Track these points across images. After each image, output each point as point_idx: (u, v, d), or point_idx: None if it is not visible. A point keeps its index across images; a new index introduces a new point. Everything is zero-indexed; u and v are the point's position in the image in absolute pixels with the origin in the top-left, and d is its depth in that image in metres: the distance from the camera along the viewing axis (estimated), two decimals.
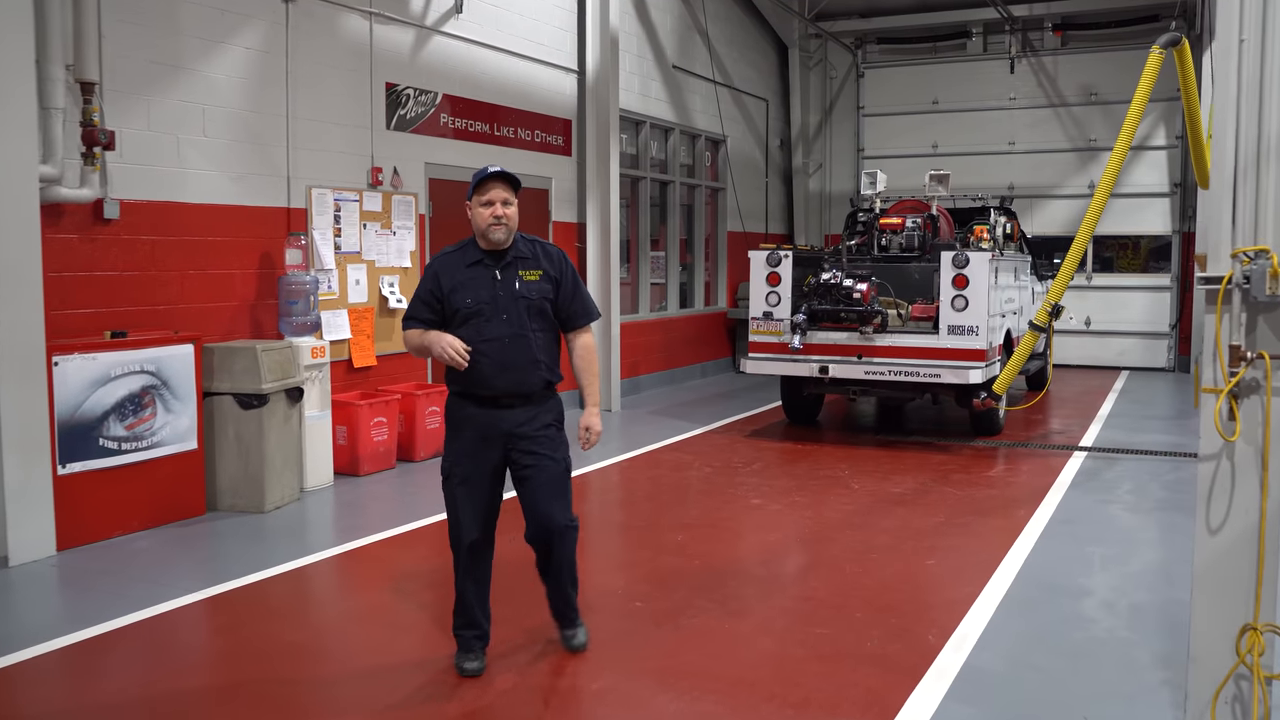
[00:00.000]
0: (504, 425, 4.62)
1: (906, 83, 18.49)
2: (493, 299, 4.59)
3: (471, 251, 4.69)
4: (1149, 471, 9.38)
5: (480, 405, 4.64)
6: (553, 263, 4.76)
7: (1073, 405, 13.39)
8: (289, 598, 6.14)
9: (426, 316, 4.68)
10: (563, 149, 12.52)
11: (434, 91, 10.48)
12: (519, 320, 4.60)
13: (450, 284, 4.63)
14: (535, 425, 4.67)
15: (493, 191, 4.59)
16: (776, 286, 10.88)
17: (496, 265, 4.65)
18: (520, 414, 4.64)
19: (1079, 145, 17.47)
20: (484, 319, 4.57)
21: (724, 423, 11.92)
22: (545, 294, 4.68)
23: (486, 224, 4.59)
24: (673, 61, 14.83)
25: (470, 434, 4.67)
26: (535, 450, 4.66)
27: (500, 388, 4.60)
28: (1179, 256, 17.10)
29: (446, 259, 4.73)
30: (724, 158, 16.54)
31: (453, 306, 4.61)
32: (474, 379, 4.60)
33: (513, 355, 4.59)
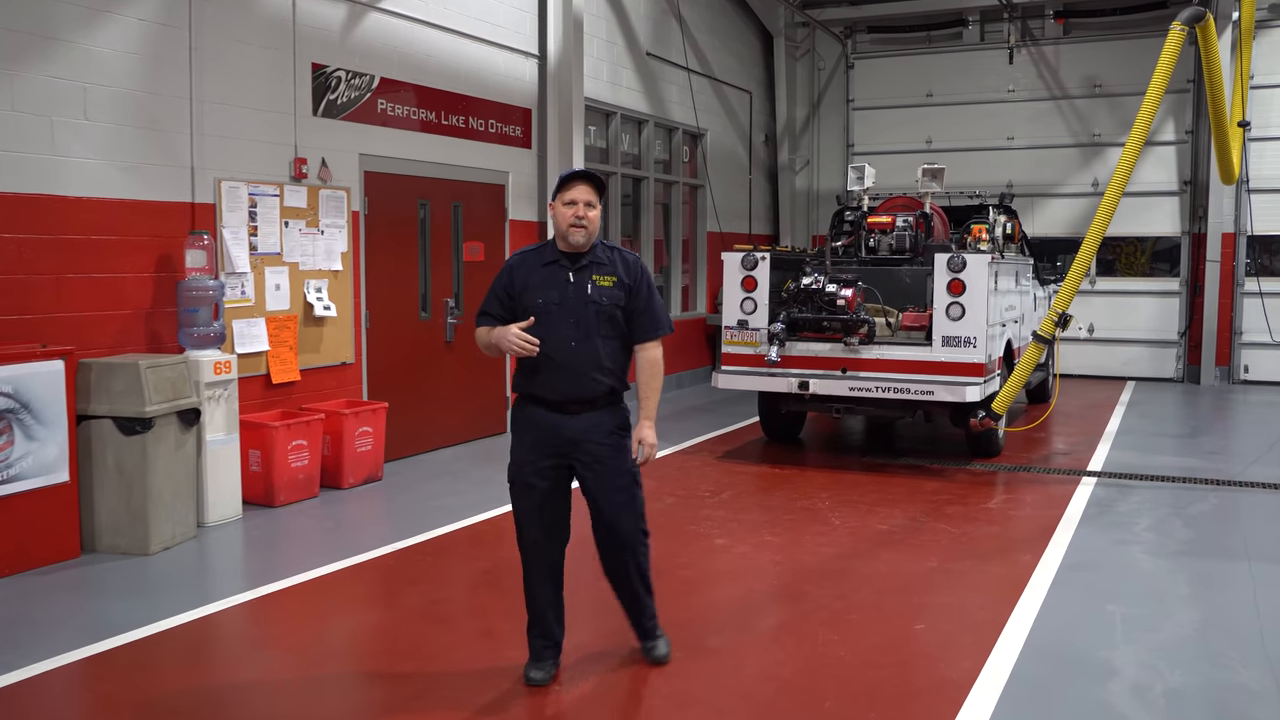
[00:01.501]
0: (566, 432, 4.56)
1: (899, 74, 17.42)
2: (563, 300, 4.54)
3: (549, 251, 4.65)
4: (1168, 502, 8.32)
5: (544, 409, 4.59)
6: (629, 270, 4.66)
7: (1078, 421, 12.33)
8: (174, 659, 5.05)
9: (497, 312, 4.64)
10: (521, 140, 11.44)
11: (370, 74, 9.39)
12: (587, 325, 4.53)
13: (523, 282, 4.59)
14: (599, 433, 4.58)
15: (576, 191, 4.54)
16: (752, 292, 9.81)
17: (572, 267, 4.58)
18: (583, 421, 4.57)
19: (1082, 140, 16.41)
20: (552, 320, 4.50)
21: (696, 441, 10.84)
22: (617, 301, 4.59)
23: (567, 224, 4.53)
24: (646, 48, 13.76)
25: (532, 439, 4.62)
26: (600, 458, 4.58)
27: (563, 391, 4.54)
28: (1189, 259, 16.05)
29: (524, 256, 4.71)
30: (703, 153, 15.47)
31: (522, 305, 4.56)
32: (537, 381, 4.58)
33: (577, 359, 4.51)
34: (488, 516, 7.80)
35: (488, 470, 9.45)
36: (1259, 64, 14.43)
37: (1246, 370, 15.74)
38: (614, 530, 4.69)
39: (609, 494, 4.63)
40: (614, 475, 4.61)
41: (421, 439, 10.10)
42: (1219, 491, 8.70)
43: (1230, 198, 15.50)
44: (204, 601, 5.90)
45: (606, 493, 4.62)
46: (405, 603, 6.01)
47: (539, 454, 4.60)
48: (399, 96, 9.74)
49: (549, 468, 4.60)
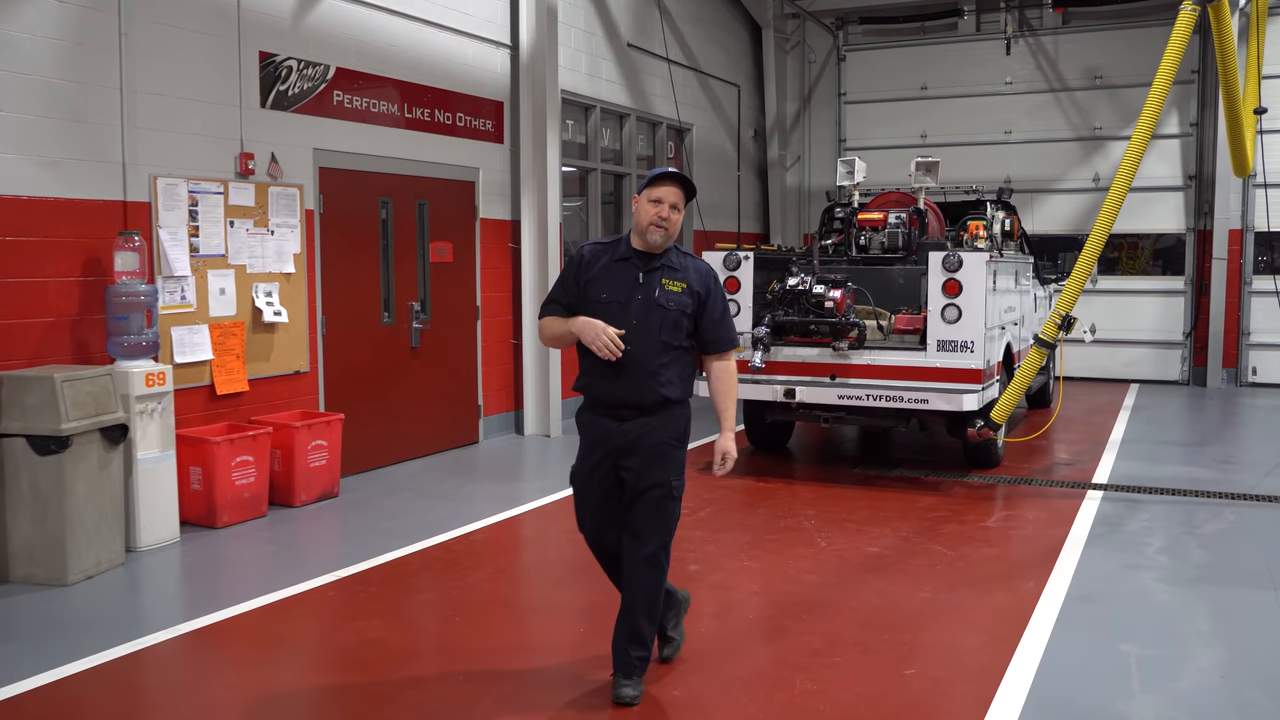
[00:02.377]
0: (615, 439, 4.45)
1: (892, 67, 16.81)
2: (628, 300, 4.40)
3: (623, 247, 4.51)
4: (1180, 519, 7.72)
5: (598, 412, 4.50)
6: (701, 279, 4.52)
7: (1080, 427, 11.73)
8: (90, 705, 4.45)
9: (565, 301, 4.51)
10: (493, 135, 10.83)
11: (324, 64, 8.78)
12: (648, 328, 4.38)
13: (591, 273, 4.47)
14: (648, 441, 4.43)
15: (664, 190, 4.40)
16: (735, 294, 9.20)
17: (643, 268, 4.45)
18: (634, 427, 4.43)
19: (1082, 134, 15.80)
20: (612, 318, 4.35)
21: None
22: (684, 308, 4.45)
23: (648, 222, 4.39)
24: (628, 39, 13.15)
25: (587, 440, 4.57)
26: (641, 468, 4.43)
27: (615, 395, 4.43)
28: (1194, 257, 15.45)
29: (596, 247, 4.58)
30: (689, 148, 14.86)
31: (586, 297, 4.44)
32: (594, 383, 4.48)
33: (632, 363, 4.35)
34: (446, 538, 7.21)
35: (452, 485, 8.86)
36: (1268, 53, 13.79)
37: (1255, 372, 15.15)
38: (630, 545, 4.52)
39: (638, 507, 4.47)
40: (650, 488, 4.45)
41: (385, 451, 9.50)
42: (1235, 507, 8.10)
43: (1237, 193, 14.91)
44: (125, 638, 5.32)
45: (637, 505, 4.47)
46: (345, 640, 5.41)
47: (593, 457, 4.53)
48: (357, 88, 9.13)
49: (602, 473, 4.50)
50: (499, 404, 11.01)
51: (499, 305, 10.95)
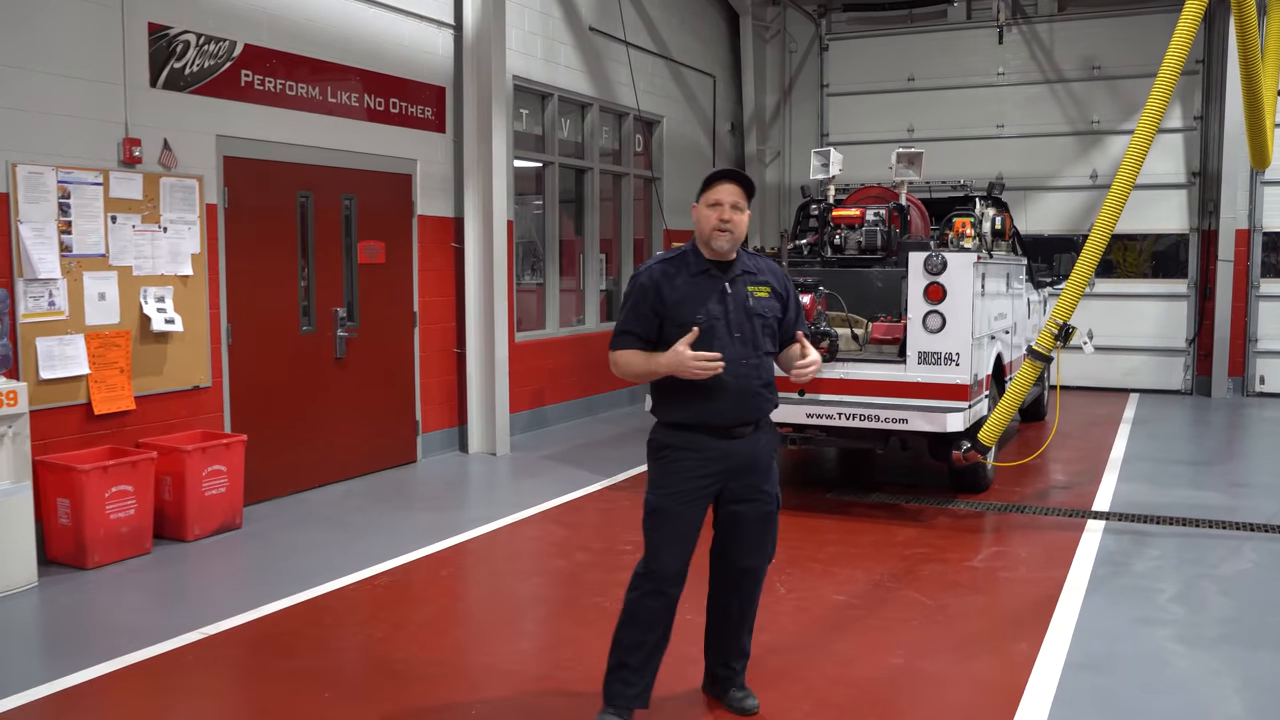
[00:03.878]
0: (732, 460, 4.19)
1: (878, 57, 15.83)
2: (724, 315, 4.13)
3: (694, 260, 4.21)
4: (1195, 557, 6.76)
5: (706, 433, 4.16)
6: (778, 279, 4.35)
7: (1078, 443, 10.77)
8: None
9: (642, 332, 4.18)
10: (433, 124, 9.85)
11: (230, 40, 7.80)
12: (754, 339, 4.17)
13: (674, 295, 4.14)
14: (761, 455, 4.27)
15: (722, 191, 4.12)
16: None
17: (725, 277, 4.19)
18: (748, 445, 4.22)
19: (1079, 128, 14.83)
20: (715, 337, 4.07)
21: (634, 472, 9.27)
22: (775, 312, 4.28)
23: (711, 228, 4.13)
24: (589, 23, 12.17)
25: (692, 464, 4.17)
26: (755, 485, 4.26)
27: (732, 415, 4.14)
28: (1198, 258, 14.49)
29: (664, 267, 4.23)
30: (659, 141, 13.88)
31: (677, 321, 4.10)
32: (700, 405, 4.12)
33: (750, 379, 4.15)
34: (349, 581, 6.22)
35: (376, 513, 7.88)
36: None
37: (1263, 381, 14.20)
38: (748, 561, 4.38)
39: (754, 524, 4.30)
40: (764, 504, 4.29)
41: (304, 475, 8.51)
42: (1254, 540, 7.15)
43: (1244, 190, 13.97)
44: None
45: (752, 522, 4.29)
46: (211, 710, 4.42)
47: (699, 480, 4.17)
48: (271, 68, 8.15)
49: (702, 495, 4.21)
50: (440, 419, 10.02)
51: (440, 311, 9.96)
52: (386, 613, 5.77)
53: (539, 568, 6.82)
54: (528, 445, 10.50)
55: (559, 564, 6.84)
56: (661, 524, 4.21)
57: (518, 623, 5.66)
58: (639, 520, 4.30)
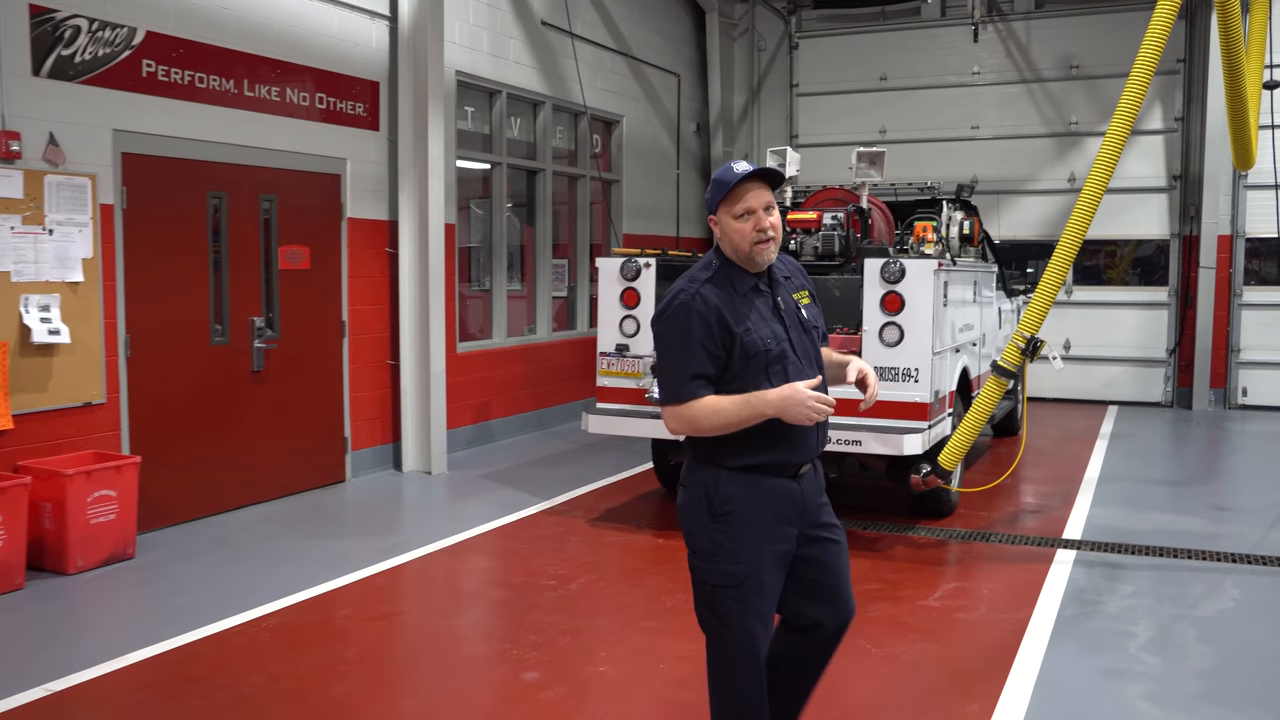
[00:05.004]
0: (806, 501, 3.48)
1: (849, 55, 15.26)
2: (786, 336, 3.44)
3: (737, 276, 3.44)
4: (1173, 594, 6.18)
5: (779, 477, 3.42)
6: (806, 279, 3.70)
7: (1050, 461, 10.20)
8: None
9: (713, 374, 3.37)
10: (365, 120, 9.22)
11: (128, 26, 7.17)
12: (815, 358, 3.52)
13: (738, 319, 3.37)
14: (820, 492, 3.59)
15: (750, 197, 3.36)
16: (635, 309, 7.64)
17: (774, 291, 3.49)
18: (811, 481, 3.53)
19: (1056, 129, 14.29)
20: (789, 363, 3.39)
21: (576, 493, 8.65)
22: (820, 321, 3.62)
23: (751, 243, 3.37)
24: (542, 17, 11.56)
25: (770, 517, 3.41)
26: (827, 522, 3.58)
27: (805, 451, 3.45)
28: (1179, 265, 13.94)
29: (712, 290, 3.38)
30: (619, 142, 13.28)
31: (749, 351, 3.35)
32: (780, 445, 3.38)
33: None
34: (242, 620, 5.59)
35: (289, 539, 7.27)
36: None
37: (1245, 393, 13.66)
38: (845, 611, 3.61)
39: (841, 568, 3.60)
40: (841, 542, 3.62)
41: (216, 497, 7.88)
42: (1236, 573, 6.57)
43: (1227, 194, 13.44)
44: None
45: (839, 566, 3.59)
46: None
47: (777, 535, 3.44)
48: (179, 58, 7.52)
49: (786, 552, 3.48)
50: (372, 436, 9.39)
51: (372, 320, 9.33)
52: (266, 662, 5.14)
53: (449, 606, 6.19)
54: (468, 463, 9.87)
55: (473, 602, 6.23)
56: (748, 599, 3.39)
57: (409, 677, 5.04)
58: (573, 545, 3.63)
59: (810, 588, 3.53)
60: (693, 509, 3.45)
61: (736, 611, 3.41)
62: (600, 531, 7.47)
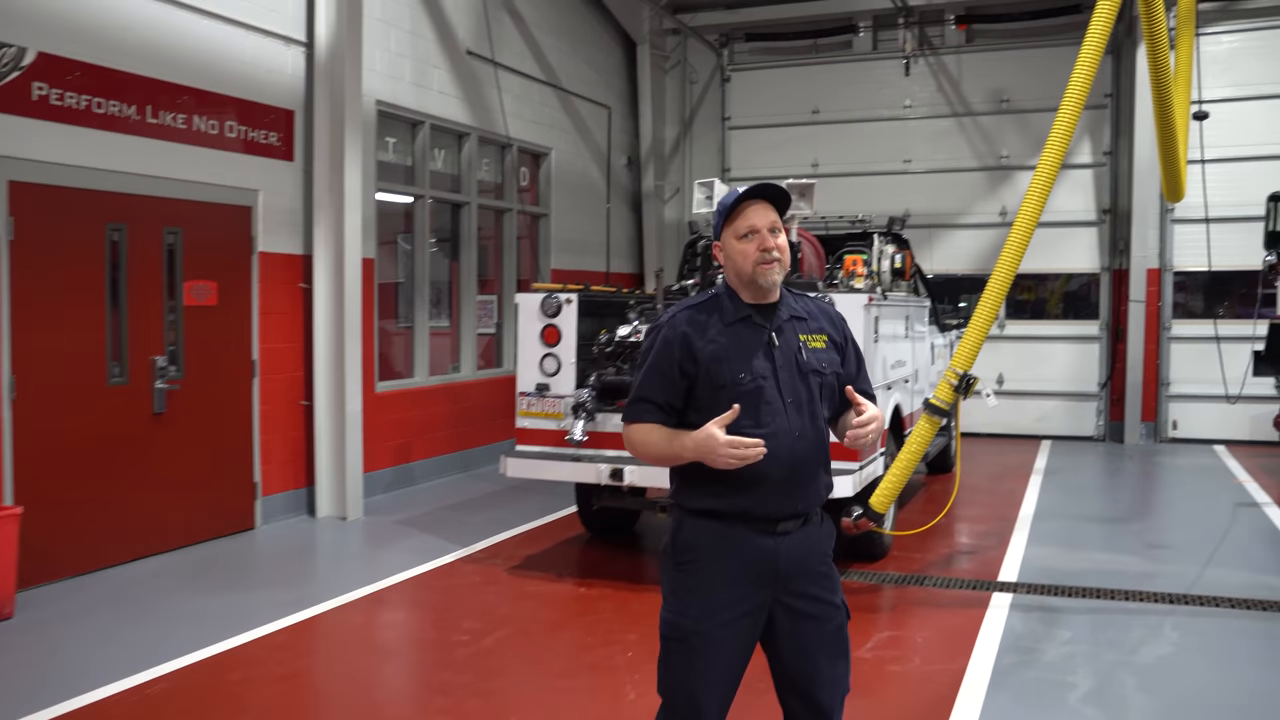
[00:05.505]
0: (781, 561, 3.14)
1: (782, 88, 15.17)
2: (772, 374, 3.16)
3: (731, 305, 3.22)
4: (1111, 639, 5.97)
5: (749, 529, 3.13)
6: (834, 324, 3.37)
7: (985, 499, 10.03)
8: None
9: (665, 401, 3.18)
10: (279, 150, 8.86)
11: (15, 45, 6.77)
12: (810, 405, 3.18)
13: (708, 351, 3.15)
14: (814, 557, 3.22)
15: (752, 215, 3.17)
16: (555, 346, 7.34)
17: (770, 325, 3.21)
18: (798, 541, 3.17)
19: (988, 163, 14.29)
20: (764, 402, 3.11)
21: (497, 539, 8.30)
22: (836, 367, 3.27)
23: (754, 264, 3.14)
24: (467, 46, 11.29)
25: (732, 571, 3.13)
26: (815, 594, 3.20)
27: (779, 505, 3.13)
28: (1109, 299, 13.95)
29: (692, 316, 3.23)
30: (547, 175, 13.02)
31: (715, 383, 3.13)
32: (741, 492, 3.10)
33: (804, 457, 3.14)
34: (126, 685, 5.17)
35: (188, 593, 6.84)
36: (1206, 70, 12.38)
37: (1175, 426, 13.66)
38: (828, 695, 3.25)
39: (824, 645, 3.22)
40: (831, 617, 3.24)
41: (112, 548, 7.42)
42: (1175, 615, 6.39)
43: (1155, 229, 13.48)
44: None
45: (821, 643, 3.22)
46: None
47: (738, 594, 3.15)
48: (75, 82, 7.12)
49: (746, 614, 3.15)
50: (284, 480, 8.96)
51: (285, 359, 8.94)
52: None
53: (352, 666, 5.79)
54: (386, 507, 9.47)
55: (379, 661, 5.84)
56: (690, 658, 3.14)
57: None
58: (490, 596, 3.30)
59: (779, 669, 3.24)
60: (662, 552, 3.29)
61: (678, 669, 3.18)
62: (520, 580, 7.12)
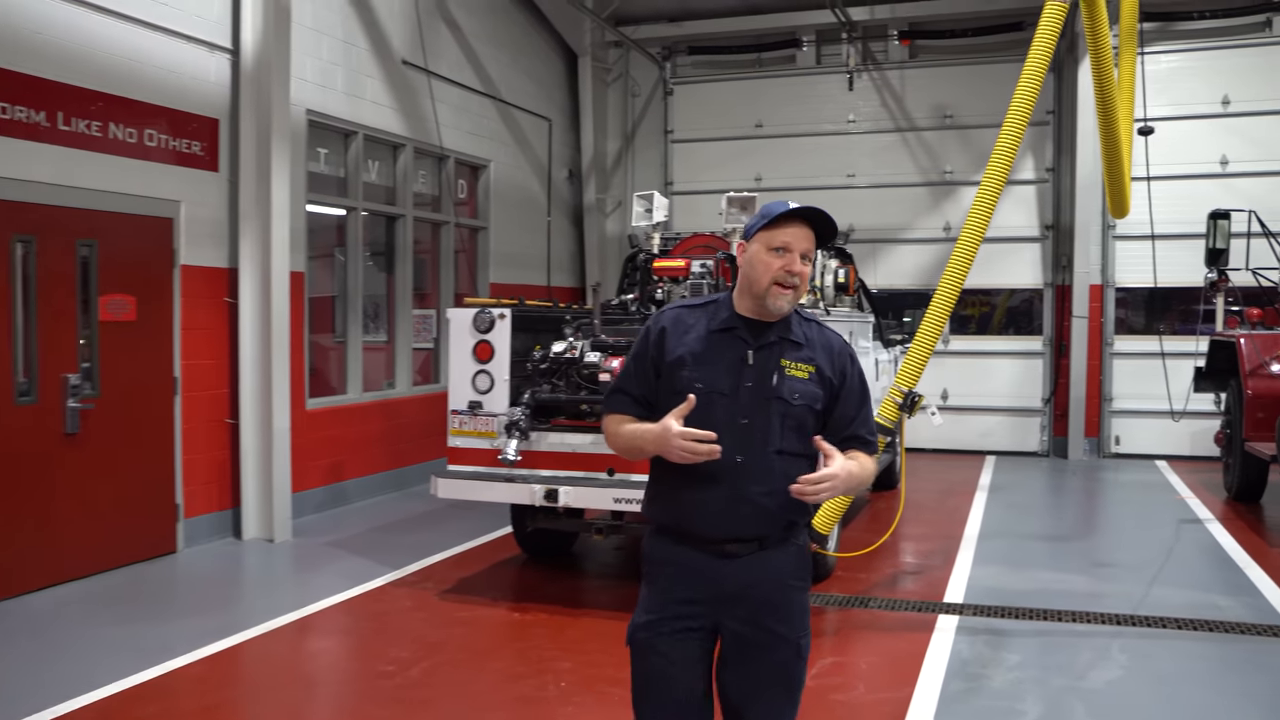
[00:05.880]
0: (725, 584, 3.04)
1: (724, 102, 15.03)
2: (734, 389, 3.03)
3: (724, 313, 3.11)
4: (1059, 662, 5.82)
5: (689, 545, 3.07)
6: (833, 360, 3.14)
7: (930, 516, 9.90)
8: None
9: (637, 392, 3.15)
10: (203, 160, 8.54)
11: None
12: (764, 430, 3.02)
13: (678, 350, 3.08)
14: (768, 586, 3.06)
15: (790, 234, 3.03)
16: (488, 363, 7.08)
17: (755, 343, 3.06)
18: (748, 566, 3.05)
19: (931, 178, 14.23)
20: (711, 418, 2.96)
21: (430, 561, 8.01)
22: (812, 401, 3.07)
23: (769, 280, 3.01)
24: (403, 56, 11.02)
25: (679, 586, 3.08)
26: (760, 623, 3.04)
27: (719, 525, 3.02)
28: (1053, 315, 13.94)
29: (680, 314, 3.16)
30: (486, 188, 12.76)
31: (672, 387, 3.05)
32: (683, 507, 3.05)
33: (747, 480, 2.99)
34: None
35: (98, 623, 6.46)
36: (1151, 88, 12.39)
37: (1118, 442, 13.66)
38: None
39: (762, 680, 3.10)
40: (775, 650, 3.08)
41: (18, 576, 7.02)
42: (1122, 637, 6.26)
43: (1097, 244, 13.49)
44: None
45: (759, 678, 3.10)
46: None
47: (685, 609, 3.09)
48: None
49: (692, 631, 3.09)
50: (209, 501, 8.61)
51: (209, 376, 8.60)
52: None
53: (269, 701, 5.46)
54: (316, 528, 9.14)
55: (299, 695, 5.54)
56: (644, 666, 3.15)
57: None
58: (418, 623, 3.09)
59: (722, 695, 3.15)
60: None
61: (638, 678, 3.18)
62: (452, 605, 6.84)
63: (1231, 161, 13.09)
